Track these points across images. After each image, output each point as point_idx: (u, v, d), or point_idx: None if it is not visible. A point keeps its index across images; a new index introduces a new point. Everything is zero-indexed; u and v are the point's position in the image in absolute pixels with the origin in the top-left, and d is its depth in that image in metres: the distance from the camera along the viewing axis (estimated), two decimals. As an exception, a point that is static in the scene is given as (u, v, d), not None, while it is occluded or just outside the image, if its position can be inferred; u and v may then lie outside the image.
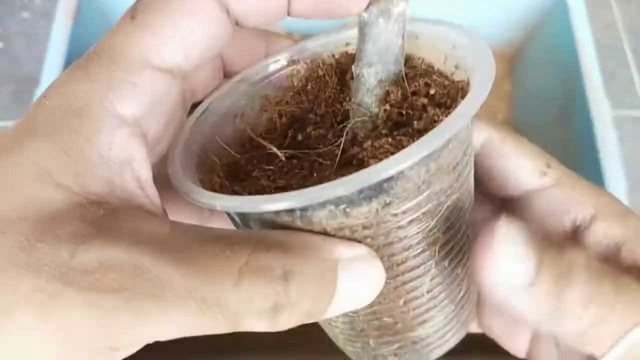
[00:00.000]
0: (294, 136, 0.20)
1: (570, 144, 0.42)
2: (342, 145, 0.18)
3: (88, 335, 0.14)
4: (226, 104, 0.21)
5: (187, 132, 0.20)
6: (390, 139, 0.17)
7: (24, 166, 0.15)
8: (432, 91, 0.19)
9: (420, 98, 0.18)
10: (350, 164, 0.18)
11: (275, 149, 0.19)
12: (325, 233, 0.17)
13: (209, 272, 0.15)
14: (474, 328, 0.25)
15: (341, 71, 0.21)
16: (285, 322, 0.16)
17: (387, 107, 0.18)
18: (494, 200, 0.24)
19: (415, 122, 0.18)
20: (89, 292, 0.14)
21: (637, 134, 0.51)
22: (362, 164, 0.17)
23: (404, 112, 0.18)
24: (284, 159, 0.18)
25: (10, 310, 0.14)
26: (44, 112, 0.16)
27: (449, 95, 0.19)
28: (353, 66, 0.19)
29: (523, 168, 0.22)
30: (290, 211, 0.16)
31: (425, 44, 0.20)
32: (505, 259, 0.17)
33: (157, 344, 0.16)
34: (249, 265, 0.15)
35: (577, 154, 0.41)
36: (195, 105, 0.21)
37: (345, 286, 0.16)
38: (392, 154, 0.16)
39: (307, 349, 0.27)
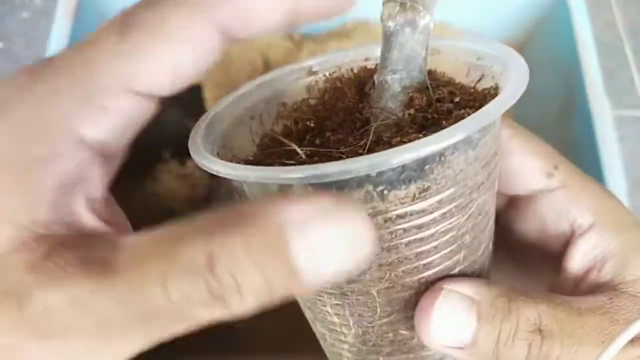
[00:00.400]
0: (311, 140, 0.20)
1: (571, 144, 0.42)
2: (368, 143, 0.17)
3: None
4: (244, 105, 0.22)
5: (204, 128, 0.20)
6: (420, 135, 0.17)
7: None
8: (457, 99, 0.19)
9: (446, 104, 0.18)
10: None
11: (295, 146, 0.18)
12: None
13: (138, 286, 0.14)
14: None
15: (359, 84, 0.21)
16: (240, 304, 0.14)
17: (412, 111, 0.18)
18: (504, 197, 0.24)
19: (444, 122, 0.18)
20: (41, 340, 0.14)
21: (637, 134, 0.50)
22: None
23: (429, 116, 0.18)
24: (304, 156, 0.18)
25: None
26: (2, 131, 0.15)
27: (476, 99, 0.19)
28: (376, 75, 0.19)
29: (529, 168, 0.22)
30: (326, 188, 0.16)
31: (447, 58, 0.21)
32: (441, 327, 0.18)
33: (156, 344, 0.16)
34: (173, 265, 0.14)
35: (577, 154, 0.41)
36: None
37: (305, 249, 0.13)
38: None
39: (308, 349, 0.27)
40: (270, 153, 0.19)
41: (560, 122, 0.44)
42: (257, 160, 0.20)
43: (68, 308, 0.14)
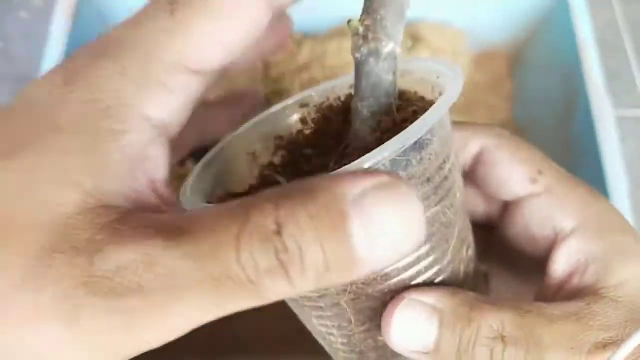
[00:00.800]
0: (301, 168, 0.22)
1: (572, 144, 0.42)
2: (330, 169, 0.19)
3: (115, 340, 0.15)
4: (242, 143, 0.23)
5: (200, 168, 0.21)
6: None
7: (43, 165, 0.15)
8: (419, 117, 0.20)
9: (408, 124, 0.20)
10: None
11: (279, 177, 0.20)
12: None
13: (212, 248, 0.14)
14: None
15: (345, 110, 0.22)
16: (302, 279, 0.14)
17: (378, 134, 0.20)
18: (498, 203, 0.24)
19: None
20: (111, 298, 0.14)
21: (639, 134, 0.50)
22: None
23: (393, 136, 0.19)
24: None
25: (35, 321, 0.14)
26: (71, 106, 0.16)
27: None
28: (352, 101, 0.21)
29: (514, 175, 0.23)
30: None
31: (417, 77, 0.22)
32: (401, 333, 0.19)
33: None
34: (245, 229, 0.14)
35: (579, 154, 0.40)
36: None
37: (363, 226, 0.14)
38: None
39: (307, 350, 0.27)
40: (260, 187, 0.21)
41: (562, 121, 0.44)
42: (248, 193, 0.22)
43: (141, 266, 0.14)
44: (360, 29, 0.20)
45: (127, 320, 0.14)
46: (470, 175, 0.24)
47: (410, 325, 0.19)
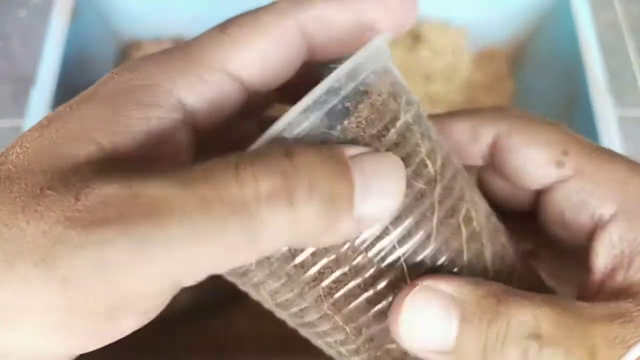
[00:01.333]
0: None
1: (573, 144, 0.42)
2: None
3: (89, 288, 0.13)
4: None
5: None
6: None
7: (67, 128, 0.16)
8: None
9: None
10: None
11: None
12: None
13: (207, 173, 0.14)
14: None
15: None
16: (305, 208, 0.14)
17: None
18: (530, 191, 0.22)
19: None
20: (90, 232, 0.13)
21: (640, 134, 0.50)
22: None
23: None
24: None
25: (13, 258, 0.14)
26: (110, 82, 0.17)
27: None
28: None
29: (534, 161, 0.20)
30: None
31: None
32: (414, 328, 0.17)
33: (157, 344, 0.15)
34: (245, 155, 0.14)
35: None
36: None
37: (360, 172, 0.15)
38: None
39: (307, 350, 0.26)
40: None
41: (563, 121, 0.44)
42: None
43: (124, 198, 0.14)
44: None
45: (100, 258, 0.13)
46: (493, 166, 0.21)
47: (425, 318, 0.17)
